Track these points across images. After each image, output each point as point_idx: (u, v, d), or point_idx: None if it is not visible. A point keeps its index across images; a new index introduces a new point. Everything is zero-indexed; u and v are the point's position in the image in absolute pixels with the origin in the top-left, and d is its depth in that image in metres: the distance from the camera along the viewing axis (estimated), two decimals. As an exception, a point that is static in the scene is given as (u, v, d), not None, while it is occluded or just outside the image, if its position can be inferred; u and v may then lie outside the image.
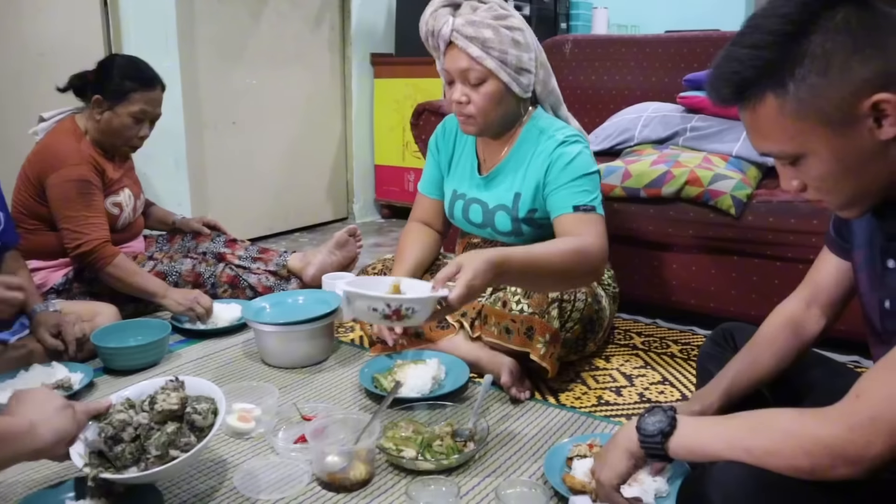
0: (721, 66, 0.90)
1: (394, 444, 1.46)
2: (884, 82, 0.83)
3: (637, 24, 4.92)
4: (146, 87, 2.25)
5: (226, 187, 3.43)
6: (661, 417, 1.00)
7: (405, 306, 1.26)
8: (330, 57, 3.92)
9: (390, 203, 4.19)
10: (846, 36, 0.83)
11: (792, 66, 0.85)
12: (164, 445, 1.25)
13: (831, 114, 0.85)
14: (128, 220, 2.39)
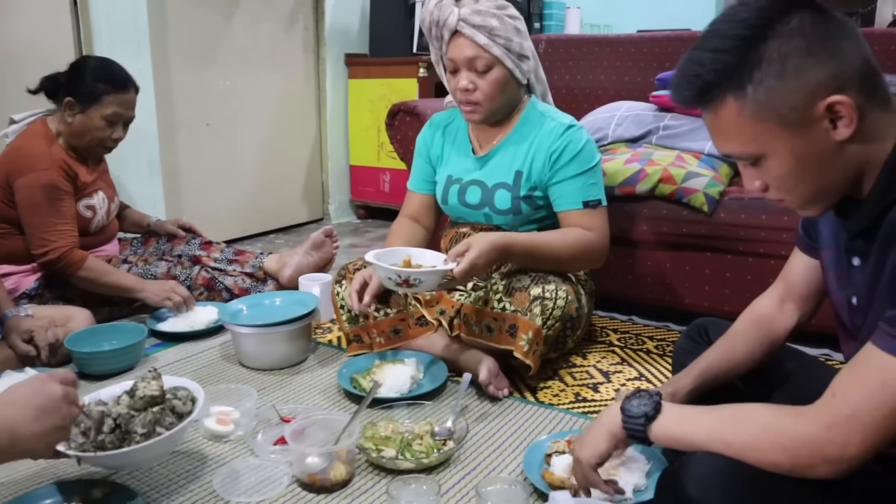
0: (684, 69, 0.93)
1: (373, 444, 1.46)
2: (837, 85, 0.86)
3: (609, 24, 4.95)
4: (119, 89, 2.23)
5: (200, 189, 3.40)
6: (647, 401, 1.01)
7: (413, 277, 1.56)
8: (304, 58, 3.90)
9: (366, 203, 4.18)
10: (801, 40, 0.86)
11: (750, 70, 0.87)
12: (150, 423, 1.29)
13: (788, 115, 0.88)
14: (101, 223, 2.36)
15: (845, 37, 0.87)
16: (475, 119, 1.87)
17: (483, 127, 1.93)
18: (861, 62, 0.88)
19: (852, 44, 0.88)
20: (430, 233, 2.08)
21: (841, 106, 0.86)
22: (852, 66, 0.87)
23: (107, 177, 2.46)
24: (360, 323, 1.93)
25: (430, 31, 1.84)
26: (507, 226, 1.92)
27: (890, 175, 0.89)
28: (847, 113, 0.86)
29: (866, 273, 0.96)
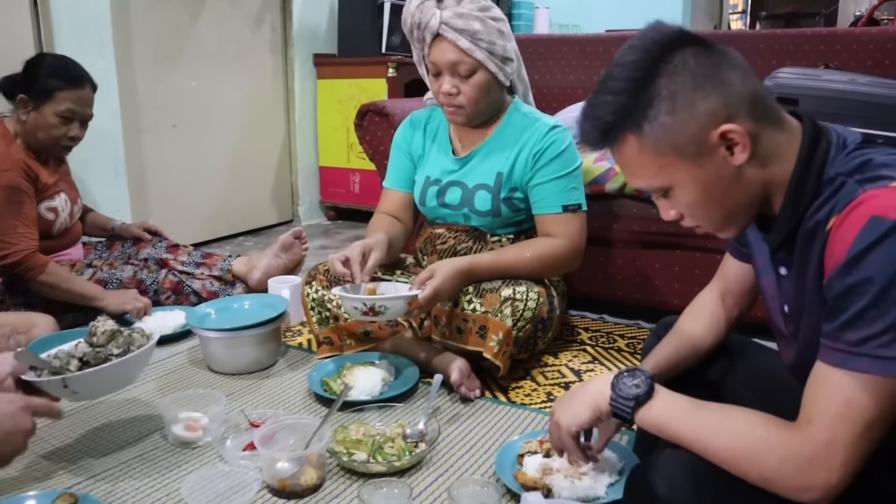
0: (587, 113, 0.98)
1: (344, 448, 1.45)
2: (727, 114, 0.90)
3: (578, 24, 4.98)
4: (73, 85, 2.18)
5: (167, 192, 3.35)
6: (640, 383, 1.00)
7: (378, 304, 1.58)
8: (272, 58, 3.87)
9: (336, 205, 4.16)
10: (686, 76, 0.91)
11: (644, 109, 0.92)
12: (124, 343, 1.44)
13: (685, 147, 0.92)
14: (64, 225, 2.31)
15: (729, 68, 0.92)
16: (459, 122, 1.86)
17: (465, 128, 1.92)
18: (748, 90, 0.92)
19: (737, 74, 0.92)
20: (408, 232, 2.04)
21: (733, 133, 0.90)
22: (739, 94, 0.91)
23: (69, 178, 2.41)
24: (330, 325, 1.91)
25: (411, 32, 1.82)
26: (485, 227, 1.91)
27: (797, 190, 0.93)
28: (740, 139, 0.90)
29: (793, 282, 0.99)
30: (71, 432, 1.61)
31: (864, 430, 0.82)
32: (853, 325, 0.82)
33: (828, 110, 2.04)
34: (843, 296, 0.83)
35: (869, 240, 0.80)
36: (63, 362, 1.37)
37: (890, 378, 0.81)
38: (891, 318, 0.79)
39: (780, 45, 2.57)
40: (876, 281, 0.80)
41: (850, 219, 0.83)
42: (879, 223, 0.80)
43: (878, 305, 0.80)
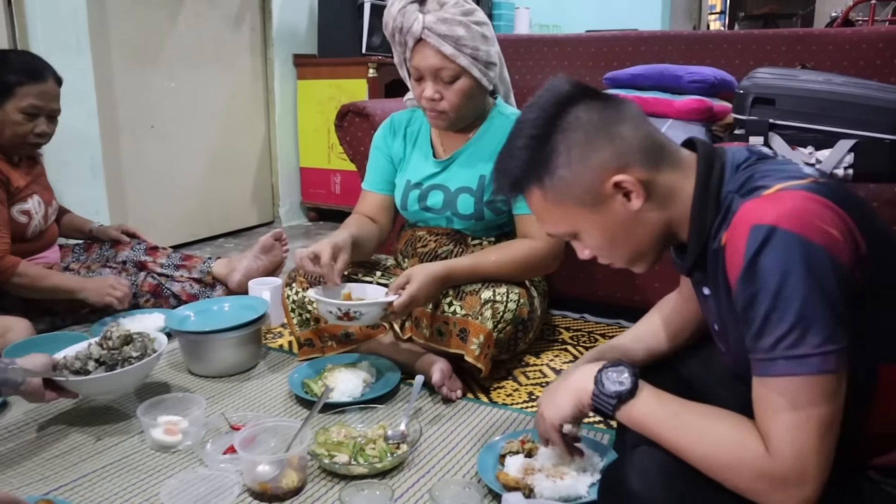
0: (497, 166, 1.07)
1: (326, 450, 1.44)
2: (619, 164, 0.98)
3: (558, 24, 5.00)
4: (34, 79, 2.13)
5: (146, 193, 3.32)
6: (624, 379, 1.00)
7: (353, 310, 1.57)
8: (251, 58, 3.84)
9: (317, 206, 4.14)
10: (580, 133, 0.99)
11: (544, 164, 1.00)
12: (142, 347, 1.66)
13: (584, 197, 1.00)
14: (38, 228, 2.28)
15: (620, 121, 0.99)
16: (441, 127, 1.85)
17: (447, 131, 1.91)
18: (640, 140, 0.99)
19: (629, 125, 1.00)
20: (384, 234, 2.01)
21: (625, 183, 0.98)
22: (630, 145, 0.99)
23: (43, 180, 2.37)
24: (311, 326, 1.90)
25: (393, 36, 1.80)
26: (468, 231, 1.91)
27: (699, 215, 0.99)
28: (633, 188, 0.98)
29: (713, 300, 1.04)
30: (48, 437, 1.59)
31: (822, 431, 0.84)
32: (762, 332, 0.85)
33: (804, 110, 2.07)
34: (748, 307, 0.87)
35: (754, 248, 0.85)
36: (83, 363, 1.60)
37: (811, 375, 0.83)
38: (791, 317, 0.83)
39: (758, 46, 2.59)
40: (769, 285, 0.84)
41: (735, 232, 0.89)
42: (759, 230, 0.85)
43: (777, 307, 0.83)
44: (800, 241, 0.83)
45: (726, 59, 2.63)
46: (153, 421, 1.54)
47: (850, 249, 0.85)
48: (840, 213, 0.86)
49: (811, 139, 2.06)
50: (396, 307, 1.60)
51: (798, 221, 0.84)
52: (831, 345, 0.82)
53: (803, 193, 0.87)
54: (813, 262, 0.82)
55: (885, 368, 0.90)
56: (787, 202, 0.86)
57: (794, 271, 0.82)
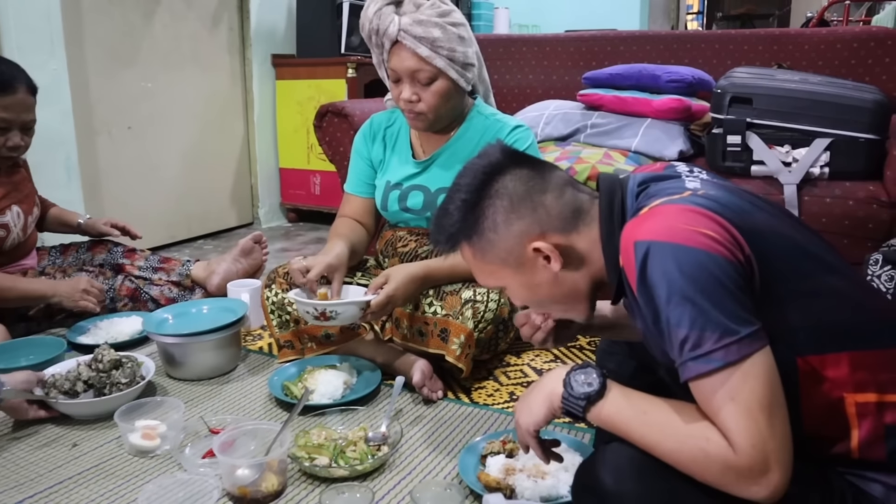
0: (436, 221, 1.13)
1: (306, 453, 1.43)
2: (539, 231, 1.05)
3: (538, 24, 5.01)
4: (2, 91, 2.01)
5: (123, 195, 3.29)
6: (592, 381, 1.00)
7: (329, 309, 1.58)
8: (229, 58, 3.82)
9: (296, 207, 4.12)
10: (506, 200, 1.06)
11: (473, 225, 1.07)
12: (131, 373, 1.72)
13: (507, 258, 1.07)
14: (16, 241, 2.21)
15: (545, 191, 1.06)
16: (420, 128, 1.85)
17: (426, 132, 1.90)
18: (560, 207, 1.06)
19: (552, 194, 1.06)
20: (370, 236, 2.01)
21: (543, 249, 1.04)
22: (550, 213, 1.05)
23: (26, 185, 2.30)
24: (291, 328, 1.89)
25: (369, 38, 1.79)
26: None
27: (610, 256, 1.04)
28: (550, 253, 1.04)
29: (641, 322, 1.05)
30: (22, 443, 1.57)
31: (768, 414, 0.85)
32: (671, 341, 0.89)
33: (781, 109, 2.09)
34: (654, 321, 0.90)
35: (639, 264, 0.90)
36: (72, 384, 1.66)
37: (720, 370, 0.85)
38: (686, 321, 0.86)
39: (735, 46, 2.62)
40: (660, 296, 0.88)
41: (624, 253, 0.95)
42: (640, 246, 0.90)
43: (671, 315, 0.87)
44: (673, 248, 0.87)
45: (704, 58, 2.65)
46: (131, 425, 1.52)
47: (732, 248, 0.88)
48: (713, 218, 0.90)
49: (788, 138, 2.08)
50: (373, 307, 1.60)
51: (670, 231, 0.89)
52: (729, 336, 0.85)
53: (675, 206, 0.93)
54: (690, 266, 0.86)
55: (803, 360, 0.93)
56: (660, 216, 0.92)
57: (675, 279, 0.87)
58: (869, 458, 0.94)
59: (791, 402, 0.89)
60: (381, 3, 1.76)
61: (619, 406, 0.98)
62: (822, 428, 0.95)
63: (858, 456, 0.94)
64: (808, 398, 0.93)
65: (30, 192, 2.31)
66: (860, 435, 0.94)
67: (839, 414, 0.94)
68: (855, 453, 0.95)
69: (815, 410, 0.94)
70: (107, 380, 1.70)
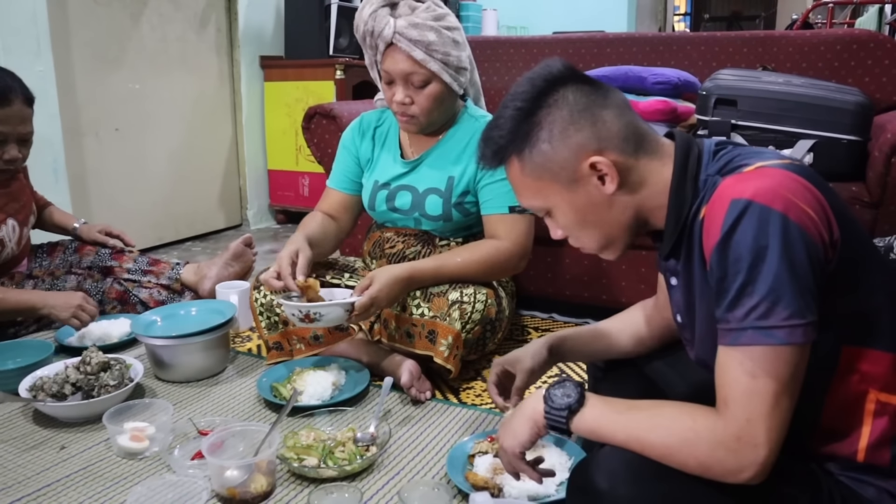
0: (484, 134, 1.08)
1: (295, 454, 1.44)
2: (597, 147, 1.00)
3: (526, 26, 5.03)
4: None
5: (110, 197, 3.28)
6: (571, 392, 1.01)
7: (313, 311, 1.57)
8: (217, 60, 3.81)
9: (285, 208, 4.12)
10: (565, 110, 1.01)
11: (527, 136, 1.02)
12: (119, 375, 1.72)
13: (559, 173, 1.02)
14: (10, 254, 2.20)
15: (605, 106, 1.02)
16: (412, 130, 1.85)
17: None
18: (621, 125, 1.02)
19: (613, 112, 1.02)
20: (343, 233, 2.01)
21: (601, 165, 1.00)
22: (611, 130, 1.01)
23: (23, 195, 2.26)
24: (279, 329, 1.90)
25: (364, 39, 1.79)
26: (436, 232, 1.91)
27: (676, 199, 1.02)
28: (608, 171, 1.00)
29: (681, 290, 1.07)
30: (9, 446, 1.57)
31: (776, 399, 0.86)
32: (736, 303, 0.87)
33: (765, 111, 2.11)
34: (722, 278, 0.89)
35: (732, 220, 0.87)
36: (60, 387, 1.66)
37: (776, 346, 0.85)
38: (763, 289, 0.85)
39: (721, 47, 2.64)
40: (745, 257, 0.86)
41: (715, 206, 0.91)
42: (737, 203, 0.87)
43: (751, 279, 0.86)
44: (777, 216, 0.85)
45: (690, 60, 2.67)
46: (119, 427, 1.52)
47: (824, 230, 0.87)
48: (816, 195, 0.88)
49: (772, 139, 2.10)
50: (357, 308, 1.60)
51: (776, 197, 0.86)
52: (798, 319, 0.85)
53: (783, 171, 0.90)
54: (788, 238, 0.85)
55: (848, 350, 0.93)
56: (766, 179, 0.89)
57: (769, 245, 0.85)
58: (873, 462, 0.95)
59: (819, 389, 0.91)
60: (376, 4, 1.76)
61: (601, 411, 0.99)
62: (838, 420, 0.95)
63: (863, 458, 0.95)
64: (837, 387, 0.94)
65: (27, 202, 2.28)
66: (871, 434, 0.94)
67: (858, 409, 0.94)
68: (860, 454, 0.95)
69: (839, 401, 0.95)
70: (95, 382, 1.69)
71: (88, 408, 1.64)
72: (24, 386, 1.70)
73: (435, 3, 1.79)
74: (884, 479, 0.95)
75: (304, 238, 1.77)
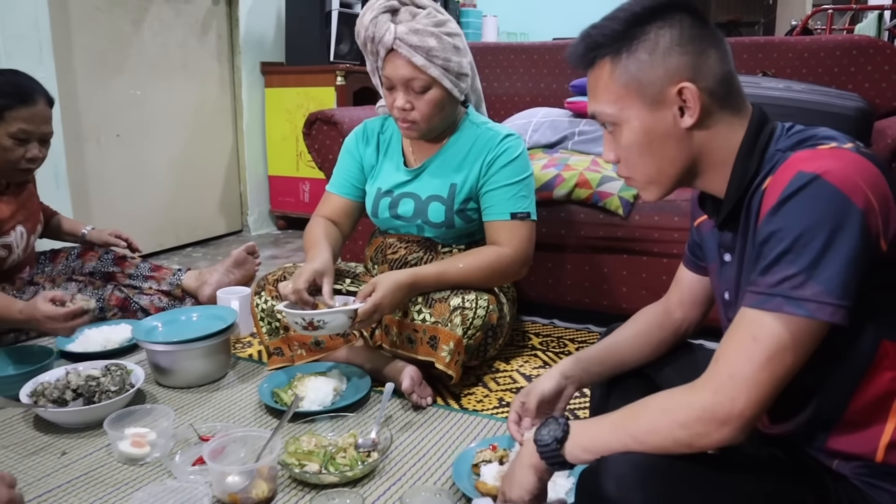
0: (585, 32, 1.06)
1: (296, 460, 1.44)
2: (693, 76, 0.98)
3: (526, 32, 5.04)
4: (23, 102, 2.03)
5: (111, 203, 3.28)
6: (554, 426, 1.02)
7: (317, 319, 1.57)
8: (218, 66, 3.82)
9: (286, 214, 4.12)
10: (677, 31, 0.99)
11: (629, 40, 1.00)
12: (120, 381, 1.73)
13: (647, 89, 1.00)
14: (16, 261, 2.20)
15: (714, 46, 1.00)
16: (412, 136, 1.85)
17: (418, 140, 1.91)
18: (721, 71, 1.00)
19: (718, 54, 1.00)
20: (345, 238, 2.01)
21: (688, 93, 0.98)
22: (711, 69, 0.99)
23: (32, 203, 2.27)
24: (280, 335, 1.90)
25: (364, 45, 1.79)
26: (438, 238, 1.92)
27: (742, 164, 1.00)
28: (692, 101, 0.98)
29: (734, 266, 1.05)
30: (10, 451, 1.57)
31: (766, 364, 0.86)
32: (771, 268, 0.87)
33: (765, 117, 2.11)
34: (765, 242, 0.88)
35: (793, 189, 0.86)
36: (60, 392, 1.67)
37: (800, 317, 0.85)
38: (804, 262, 0.84)
39: (720, 54, 2.64)
40: (792, 228, 0.85)
41: (780, 175, 0.90)
42: (803, 176, 0.86)
43: (793, 250, 0.85)
44: (841, 197, 0.84)
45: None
46: (120, 433, 1.52)
47: (882, 220, 0.86)
48: (884, 184, 0.87)
49: (772, 145, 2.10)
50: (361, 315, 1.60)
51: (845, 178, 0.85)
52: (829, 297, 0.84)
53: (857, 156, 0.89)
54: (845, 221, 0.84)
55: (886, 344, 0.92)
56: (839, 158, 0.88)
57: (824, 222, 0.84)
58: (890, 462, 0.94)
59: (851, 382, 0.91)
60: (377, 10, 1.77)
61: (585, 425, 1.01)
62: (863, 415, 0.95)
63: (882, 458, 0.94)
64: (869, 382, 0.93)
65: (35, 209, 2.29)
66: (893, 433, 0.93)
67: (885, 406, 0.93)
68: (879, 454, 0.94)
69: (868, 396, 0.94)
70: (96, 388, 1.70)
71: (89, 413, 1.64)
72: (24, 391, 1.70)
73: (436, 10, 1.80)
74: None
75: (330, 256, 1.76)
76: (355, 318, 1.60)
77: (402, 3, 1.79)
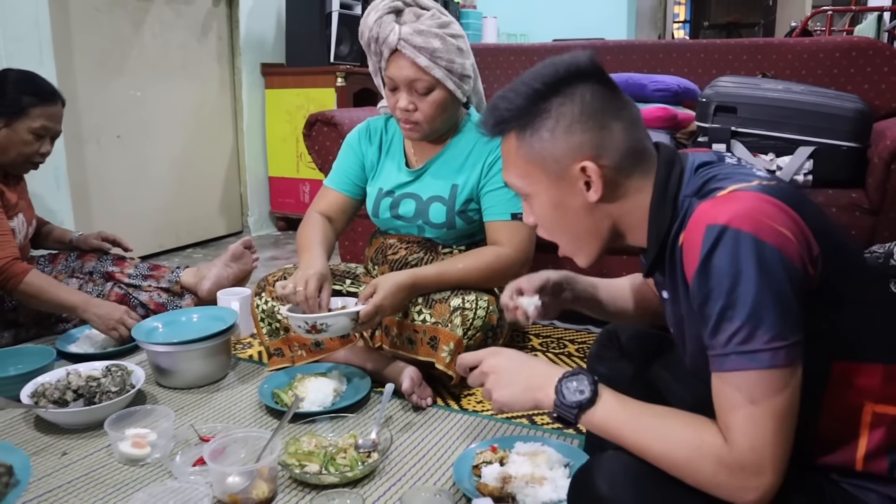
0: (493, 102, 1.08)
1: (296, 460, 1.44)
2: (595, 153, 1.00)
3: (526, 34, 5.05)
4: (45, 101, 2.16)
5: (112, 204, 3.29)
6: (584, 388, 1.00)
7: (319, 322, 1.57)
8: (218, 67, 3.83)
9: (286, 215, 4.12)
10: (577, 107, 1.00)
11: (533, 117, 1.02)
12: (121, 381, 1.72)
13: (551, 165, 1.02)
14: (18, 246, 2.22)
15: (618, 118, 1.01)
16: (414, 137, 1.86)
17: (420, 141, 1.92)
18: (626, 142, 1.01)
19: (623, 125, 1.02)
20: (338, 236, 2.01)
21: (590, 171, 1.00)
22: (615, 143, 1.01)
23: (27, 196, 2.34)
24: (280, 336, 1.90)
25: (368, 45, 1.79)
26: (439, 239, 1.92)
27: (655, 218, 1.02)
28: (595, 178, 1.00)
29: (671, 303, 1.07)
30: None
31: (777, 424, 0.86)
32: (717, 329, 0.88)
33: (765, 118, 2.12)
34: (703, 304, 0.89)
35: (708, 246, 0.87)
36: (61, 393, 1.67)
37: (761, 369, 0.85)
38: (743, 315, 0.85)
39: (720, 55, 2.65)
40: (722, 283, 0.86)
41: (691, 232, 0.91)
42: (712, 230, 0.87)
43: (730, 305, 0.86)
44: (751, 240, 0.85)
45: (690, 67, 2.68)
46: (120, 434, 1.52)
47: (802, 249, 0.87)
48: (791, 214, 0.88)
49: (772, 146, 2.11)
50: (362, 317, 1.60)
51: (750, 221, 0.86)
52: (780, 341, 0.85)
53: (755, 194, 0.90)
54: (764, 261, 0.85)
55: (839, 365, 0.93)
56: (739, 203, 0.89)
57: (746, 270, 0.85)
58: (870, 471, 0.95)
59: (812, 404, 0.91)
60: (382, 11, 1.77)
61: (612, 410, 0.99)
62: (834, 432, 0.95)
63: (861, 467, 0.95)
64: (830, 402, 0.94)
65: (29, 202, 2.36)
66: (868, 444, 0.94)
67: (854, 421, 0.94)
68: (858, 464, 0.95)
69: (834, 415, 0.94)
70: (96, 388, 1.70)
71: (90, 414, 1.64)
72: (25, 392, 1.70)
73: (440, 11, 1.80)
74: (885, 485, 0.95)
75: (326, 265, 1.76)
76: (357, 320, 1.60)
77: (407, 4, 1.79)
